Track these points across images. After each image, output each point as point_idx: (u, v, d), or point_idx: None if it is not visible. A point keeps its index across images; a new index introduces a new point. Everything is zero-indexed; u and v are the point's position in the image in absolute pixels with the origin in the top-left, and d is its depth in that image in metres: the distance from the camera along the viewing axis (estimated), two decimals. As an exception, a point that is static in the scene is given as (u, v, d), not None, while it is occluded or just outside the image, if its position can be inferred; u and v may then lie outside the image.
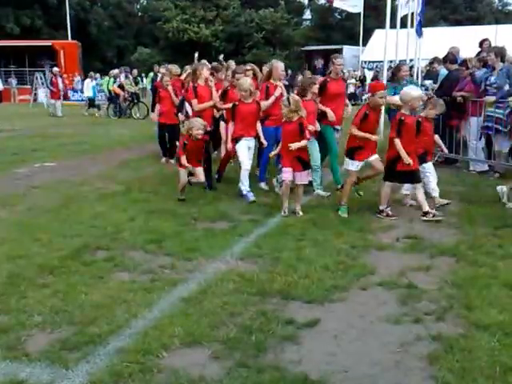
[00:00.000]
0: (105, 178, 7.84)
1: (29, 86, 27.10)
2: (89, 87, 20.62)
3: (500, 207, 5.88)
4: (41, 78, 25.61)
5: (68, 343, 3.08)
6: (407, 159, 5.34)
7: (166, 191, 6.84)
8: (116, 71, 19.76)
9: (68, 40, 33.83)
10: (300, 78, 8.62)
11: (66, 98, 21.09)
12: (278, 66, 6.97)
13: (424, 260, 4.41)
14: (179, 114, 8.51)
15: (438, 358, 2.90)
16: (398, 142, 5.39)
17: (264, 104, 6.61)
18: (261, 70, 8.12)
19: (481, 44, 9.33)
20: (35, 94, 25.77)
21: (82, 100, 26.13)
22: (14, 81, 29.17)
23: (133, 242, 4.86)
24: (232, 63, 9.09)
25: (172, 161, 8.70)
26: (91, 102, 20.36)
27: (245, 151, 6.45)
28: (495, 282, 3.87)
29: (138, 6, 55.31)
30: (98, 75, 27.97)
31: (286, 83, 9.57)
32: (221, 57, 10.51)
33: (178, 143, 8.43)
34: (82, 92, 27.19)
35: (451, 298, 3.65)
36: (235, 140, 6.48)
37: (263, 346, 3.04)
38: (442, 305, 3.54)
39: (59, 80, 20.25)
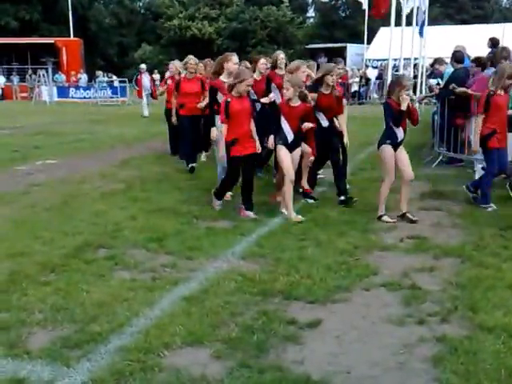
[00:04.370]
0: (106, 176, 7.82)
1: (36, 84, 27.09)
2: None
3: (506, 207, 5.84)
4: (43, 76, 25.63)
5: (69, 341, 3.07)
6: None
7: (167, 190, 6.82)
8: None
9: (70, 37, 33.88)
10: None
11: (153, 96, 17.92)
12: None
13: (428, 261, 4.37)
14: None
15: (442, 359, 2.87)
16: None
17: None
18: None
19: (495, 44, 9.22)
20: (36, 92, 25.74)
21: (84, 98, 26.27)
22: (15, 78, 29.18)
23: (134, 240, 4.83)
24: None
25: None
26: None
27: None
28: (500, 283, 3.83)
29: (141, 4, 55.29)
30: (100, 72, 27.99)
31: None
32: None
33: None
34: (84, 90, 27.29)
35: (455, 299, 3.61)
36: None
37: (265, 345, 3.02)
38: (446, 306, 3.51)
39: (144, 77, 18.26)
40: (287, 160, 5.45)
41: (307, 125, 5.55)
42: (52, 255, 4.40)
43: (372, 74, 25.05)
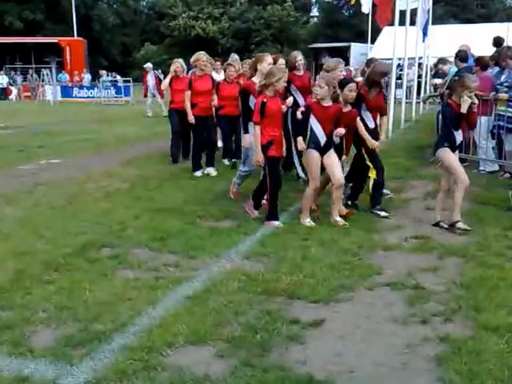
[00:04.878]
0: (110, 175, 7.83)
1: (37, 83, 27.20)
2: None
3: (510, 208, 5.82)
4: (47, 75, 25.71)
5: (72, 340, 3.07)
6: None
7: (171, 189, 6.83)
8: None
9: (73, 37, 33.98)
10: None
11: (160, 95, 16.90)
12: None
13: (432, 260, 4.36)
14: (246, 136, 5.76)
15: (445, 359, 2.87)
16: None
17: None
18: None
19: (499, 43, 9.19)
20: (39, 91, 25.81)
21: (88, 97, 26.32)
22: (19, 78, 29.28)
23: (137, 239, 4.84)
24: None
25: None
26: None
27: None
28: (504, 283, 3.82)
29: (144, 3, 55.37)
30: (104, 72, 28.03)
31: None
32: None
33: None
34: (88, 89, 27.35)
35: (459, 299, 3.61)
36: None
37: (268, 345, 3.02)
38: (449, 306, 3.50)
39: (149, 76, 17.63)
40: (316, 166, 5.17)
41: (340, 131, 5.19)
42: (56, 254, 4.41)
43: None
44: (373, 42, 27.69)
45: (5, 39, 31.34)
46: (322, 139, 5.15)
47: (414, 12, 12.96)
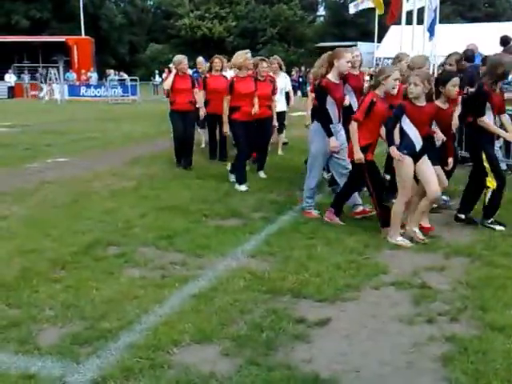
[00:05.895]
0: (116, 174, 7.86)
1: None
2: None
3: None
4: (54, 74, 25.84)
5: (79, 338, 3.09)
6: None
7: (176, 188, 6.84)
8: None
9: (81, 36, 34.10)
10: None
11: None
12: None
13: (438, 260, 4.35)
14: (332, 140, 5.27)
15: (451, 359, 2.86)
16: None
17: None
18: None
19: (506, 42, 9.13)
20: (45, 90, 25.91)
21: (95, 96, 26.42)
22: (26, 76, 29.44)
23: (144, 238, 4.86)
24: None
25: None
26: None
27: None
28: (510, 282, 3.80)
29: (151, 2, 55.52)
30: (111, 71, 28.11)
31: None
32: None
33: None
34: (95, 88, 27.43)
35: (465, 298, 3.59)
36: None
37: (274, 344, 3.02)
38: (456, 305, 3.49)
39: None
40: (410, 176, 4.61)
41: (440, 136, 4.82)
42: (62, 252, 4.43)
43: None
44: (379, 40, 27.62)
45: (13, 38, 31.52)
46: (418, 144, 4.59)
47: (421, 11, 12.92)
